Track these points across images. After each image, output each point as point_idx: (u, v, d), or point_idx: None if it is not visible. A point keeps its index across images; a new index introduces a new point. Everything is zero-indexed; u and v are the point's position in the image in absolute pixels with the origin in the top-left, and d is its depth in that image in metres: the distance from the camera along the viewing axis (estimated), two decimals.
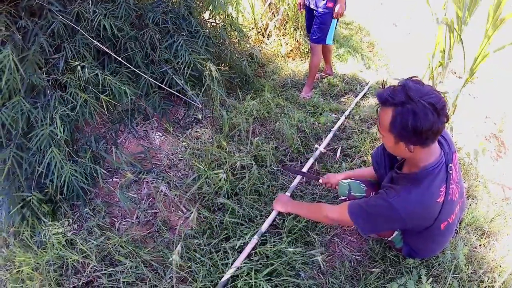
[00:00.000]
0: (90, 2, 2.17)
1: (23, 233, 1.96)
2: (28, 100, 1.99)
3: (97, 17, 2.15)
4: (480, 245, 2.10)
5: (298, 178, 2.35)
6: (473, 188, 2.45)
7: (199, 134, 2.55)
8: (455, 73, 3.99)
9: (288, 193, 2.22)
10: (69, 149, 2.05)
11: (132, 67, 2.27)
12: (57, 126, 1.93)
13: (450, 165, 1.47)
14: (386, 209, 1.46)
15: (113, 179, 2.22)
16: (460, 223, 2.16)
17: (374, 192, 1.83)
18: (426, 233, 1.60)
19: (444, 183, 1.46)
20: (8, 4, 2.04)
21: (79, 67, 2.06)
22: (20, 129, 1.96)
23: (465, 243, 2.04)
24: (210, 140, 2.52)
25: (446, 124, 1.38)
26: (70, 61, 2.09)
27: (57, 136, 1.95)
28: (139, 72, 2.31)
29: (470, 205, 2.30)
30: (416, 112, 1.26)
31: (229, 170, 2.30)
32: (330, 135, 2.79)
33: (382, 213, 1.50)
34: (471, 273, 1.92)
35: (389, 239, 1.81)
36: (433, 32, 3.06)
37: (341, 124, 2.97)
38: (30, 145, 1.97)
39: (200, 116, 2.60)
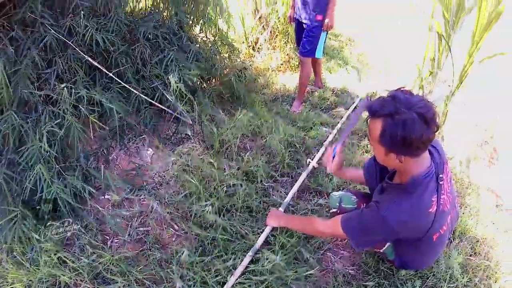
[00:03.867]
0: (82, 16, 2.16)
1: (15, 250, 1.92)
2: (19, 115, 1.97)
3: (88, 31, 2.15)
4: (474, 253, 2.10)
5: (291, 194, 2.33)
6: (466, 196, 2.46)
7: (189, 151, 2.53)
8: (445, 81, 4.02)
9: (281, 209, 2.20)
10: (59, 166, 2.02)
11: (123, 83, 2.27)
12: (46, 142, 1.92)
13: (441, 175, 1.47)
14: (378, 222, 1.45)
15: (105, 197, 2.20)
16: (453, 233, 2.15)
17: (364, 204, 1.83)
18: (418, 244, 1.59)
19: (435, 193, 1.45)
20: (1, 17, 2.04)
21: (66, 89, 2.05)
22: (11, 144, 1.94)
23: (459, 252, 2.04)
24: (201, 157, 2.51)
25: (437, 133, 1.38)
26: (61, 80, 2.08)
27: (47, 152, 1.93)
28: (130, 88, 2.30)
29: (463, 213, 2.31)
30: (406, 122, 1.25)
31: (220, 187, 2.29)
32: (322, 149, 2.78)
33: (374, 226, 1.49)
34: (466, 281, 1.91)
35: (381, 251, 1.80)
36: (424, 42, 3.09)
37: (333, 137, 2.97)
38: (20, 160, 1.95)
39: (190, 133, 2.59)
